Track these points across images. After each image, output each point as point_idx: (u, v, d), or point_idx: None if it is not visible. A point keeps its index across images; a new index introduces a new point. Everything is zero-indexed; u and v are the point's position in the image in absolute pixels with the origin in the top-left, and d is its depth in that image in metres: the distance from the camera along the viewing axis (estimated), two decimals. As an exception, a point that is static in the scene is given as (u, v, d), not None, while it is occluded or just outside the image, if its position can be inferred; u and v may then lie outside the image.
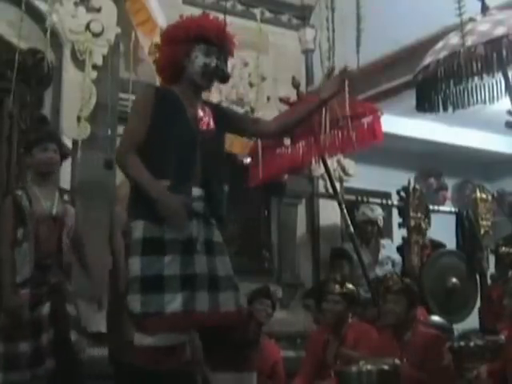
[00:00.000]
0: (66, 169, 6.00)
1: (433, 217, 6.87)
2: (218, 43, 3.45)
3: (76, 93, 6.09)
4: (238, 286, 3.46)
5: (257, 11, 7.37)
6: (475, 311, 6.53)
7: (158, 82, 6.10)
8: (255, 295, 5.44)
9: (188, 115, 3.42)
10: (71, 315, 4.58)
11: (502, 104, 4.50)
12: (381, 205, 7.09)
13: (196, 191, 3.36)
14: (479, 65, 4.17)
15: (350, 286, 5.14)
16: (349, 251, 6.32)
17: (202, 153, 3.41)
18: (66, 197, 4.81)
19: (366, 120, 5.81)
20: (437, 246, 6.84)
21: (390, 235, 7.67)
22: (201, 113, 3.47)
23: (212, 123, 3.48)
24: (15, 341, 4.50)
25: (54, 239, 4.66)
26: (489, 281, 6.61)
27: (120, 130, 6.32)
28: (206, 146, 3.43)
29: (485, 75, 4.28)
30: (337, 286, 5.09)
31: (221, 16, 3.64)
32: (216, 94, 6.45)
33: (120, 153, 3.39)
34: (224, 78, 3.51)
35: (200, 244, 3.33)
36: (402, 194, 6.79)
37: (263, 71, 6.80)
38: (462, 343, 4.58)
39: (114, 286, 4.80)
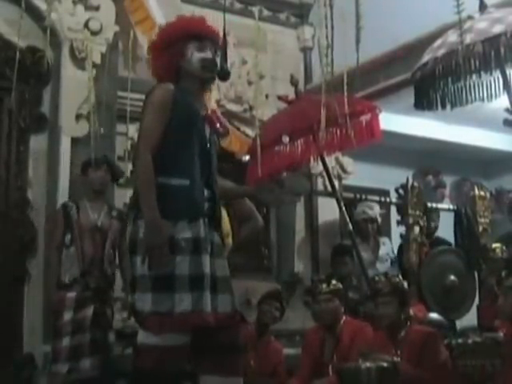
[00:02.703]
0: (64, 167, 6.02)
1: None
2: (209, 37, 3.48)
3: (75, 91, 6.11)
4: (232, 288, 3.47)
5: (255, 9, 7.38)
6: (474, 308, 6.54)
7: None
8: (265, 296, 5.51)
9: (201, 115, 3.46)
10: (109, 319, 5.17)
11: (500, 102, 4.50)
12: (379, 202, 7.11)
13: (205, 192, 3.40)
14: (477, 63, 4.16)
15: (335, 282, 5.17)
16: (351, 247, 6.32)
17: (211, 154, 3.48)
18: (113, 213, 5.39)
19: (364, 118, 5.82)
20: (441, 243, 6.86)
21: (388, 233, 7.68)
22: (209, 112, 3.54)
23: (217, 124, 3.54)
24: (58, 337, 5.01)
25: (97, 248, 5.23)
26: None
27: (119, 128, 6.35)
28: (213, 146, 3.50)
29: (483, 73, 4.28)
30: (324, 285, 5.12)
31: (219, 14, 3.65)
32: (215, 92, 6.46)
33: (137, 151, 3.40)
34: (224, 74, 3.54)
35: (208, 245, 3.35)
36: (401, 191, 6.79)
37: (261, 69, 6.78)
38: (460, 340, 4.58)
39: None
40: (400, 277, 4.87)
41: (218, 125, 3.52)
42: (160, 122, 3.33)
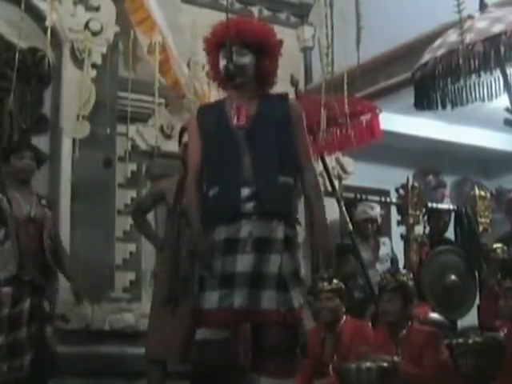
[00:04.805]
0: (65, 168, 6.03)
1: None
2: (235, 41, 3.55)
3: (75, 91, 6.12)
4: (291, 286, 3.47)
5: (255, 9, 7.40)
6: (474, 308, 6.54)
7: (156, 80, 6.19)
8: None
9: (227, 117, 3.55)
10: (46, 312, 4.87)
11: (501, 101, 4.51)
12: (379, 202, 7.10)
13: (245, 192, 3.44)
14: (477, 62, 4.18)
15: (336, 281, 5.17)
16: (353, 247, 6.30)
17: (249, 149, 3.50)
18: (43, 201, 5.07)
19: (364, 118, 5.83)
20: (448, 243, 6.86)
21: (388, 233, 7.67)
22: (236, 108, 3.56)
23: (244, 117, 3.55)
24: None
25: (35, 240, 4.93)
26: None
27: (119, 128, 6.34)
28: (251, 141, 3.51)
29: (483, 73, 4.29)
30: (325, 284, 5.13)
31: (219, 14, 3.66)
32: (215, 91, 6.45)
33: (187, 180, 3.71)
34: (228, 74, 3.57)
35: (248, 244, 3.41)
36: (401, 191, 6.79)
37: (262, 69, 6.79)
38: (461, 340, 4.58)
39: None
40: (409, 275, 4.87)
41: (235, 119, 3.54)
42: (196, 148, 3.61)
